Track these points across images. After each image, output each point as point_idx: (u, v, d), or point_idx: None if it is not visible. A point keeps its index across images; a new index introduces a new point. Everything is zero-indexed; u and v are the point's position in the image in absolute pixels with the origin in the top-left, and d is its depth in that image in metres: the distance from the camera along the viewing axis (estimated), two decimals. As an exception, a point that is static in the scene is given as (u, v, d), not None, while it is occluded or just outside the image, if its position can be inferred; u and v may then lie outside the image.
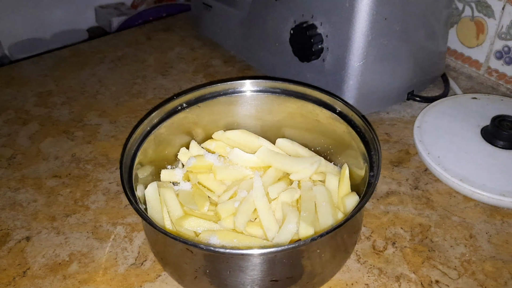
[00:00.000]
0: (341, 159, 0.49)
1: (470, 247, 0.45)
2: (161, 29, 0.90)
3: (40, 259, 0.45)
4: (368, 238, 0.46)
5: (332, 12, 0.55)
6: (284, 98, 0.50)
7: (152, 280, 0.43)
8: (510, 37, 0.65)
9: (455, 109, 0.60)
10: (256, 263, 0.35)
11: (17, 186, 0.54)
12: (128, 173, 0.41)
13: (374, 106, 0.63)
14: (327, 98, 0.47)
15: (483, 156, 0.53)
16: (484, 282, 0.42)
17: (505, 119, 0.54)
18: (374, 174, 0.39)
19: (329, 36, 0.56)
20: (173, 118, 0.48)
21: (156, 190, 0.44)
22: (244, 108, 0.51)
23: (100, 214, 0.50)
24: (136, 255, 0.45)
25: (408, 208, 0.50)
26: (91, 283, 0.43)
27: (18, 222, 0.49)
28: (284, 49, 0.63)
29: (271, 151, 0.48)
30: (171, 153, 0.50)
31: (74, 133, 0.62)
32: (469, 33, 0.70)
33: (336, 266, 0.41)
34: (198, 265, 0.37)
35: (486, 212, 0.49)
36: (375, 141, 0.42)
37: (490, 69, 0.70)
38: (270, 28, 0.66)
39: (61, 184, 0.54)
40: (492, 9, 0.66)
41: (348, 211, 0.43)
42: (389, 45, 0.57)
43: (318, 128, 0.50)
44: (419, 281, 0.42)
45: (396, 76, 0.62)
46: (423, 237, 0.46)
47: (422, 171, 0.54)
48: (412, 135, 0.57)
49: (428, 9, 0.59)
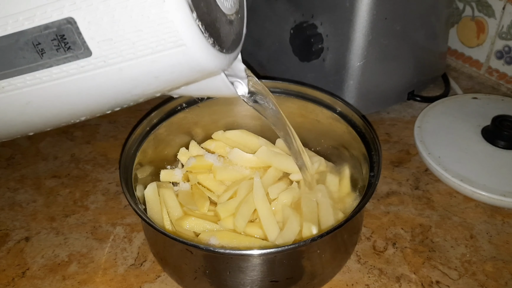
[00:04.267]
0: (341, 159, 0.49)
1: (470, 247, 0.45)
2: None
3: (39, 260, 0.45)
4: (368, 238, 0.46)
5: (332, 12, 0.55)
6: (284, 98, 0.49)
7: (152, 280, 0.43)
8: (510, 37, 0.65)
9: (456, 109, 0.60)
10: (256, 264, 0.35)
11: (16, 186, 0.54)
12: (128, 174, 0.41)
13: (374, 106, 0.62)
14: (327, 98, 0.47)
15: (484, 156, 0.52)
16: (484, 283, 0.42)
17: (506, 119, 0.54)
18: (375, 174, 0.39)
19: (329, 36, 0.56)
20: (172, 118, 0.48)
21: (156, 190, 0.44)
22: (244, 108, 0.51)
23: (100, 215, 0.50)
24: (135, 255, 0.45)
25: (409, 208, 0.49)
26: (91, 284, 0.42)
27: (17, 223, 0.49)
28: (284, 49, 0.63)
29: (271, 151, 0.48)
30: (170, 153, 0.50)
31: (74, 133, 0.62)
32: (470, 33, 0.70)
33: (336, 266, 0.41)
34: (198, 265, 0.37)
35: (486, 212, 0.49)
36: (376, 141, 0.42)
37: (490, 69, 0.70)
38: (270, 28, 0.66)
39: (60, 184, 0.54)
40: (492, 8, 0.66)
41: (348, 211, 0.43)
42: (389, 45, 0.57)
43: (318, 128, 0.50)
44: (420, 282, 0.42)
45: (397, 76, 0.61)
46: (423, 238, 0.46)
47: (422, 171, 0.54)
48: (412, 135, 0.57)
49: (428, 9, 0.59)
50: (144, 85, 0.26)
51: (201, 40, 0.24)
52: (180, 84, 0.28)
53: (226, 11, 0.28)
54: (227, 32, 0.28)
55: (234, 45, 0.29)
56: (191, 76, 0.26)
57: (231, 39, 0.28)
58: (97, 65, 0.24)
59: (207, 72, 0.27)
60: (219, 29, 0.26)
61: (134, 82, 0.26)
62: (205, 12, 0.24)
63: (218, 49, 0.25)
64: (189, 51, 0.24)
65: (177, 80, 0.27)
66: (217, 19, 0.26)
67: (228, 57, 0.27)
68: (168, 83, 0.27)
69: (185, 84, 0.28)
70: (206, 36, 0.24)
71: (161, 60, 0.24)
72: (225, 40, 0.27)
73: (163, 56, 0.24)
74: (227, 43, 0.27)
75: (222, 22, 0.27)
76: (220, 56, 0.26)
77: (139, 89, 0.27)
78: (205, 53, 0.24)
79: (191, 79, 0.27)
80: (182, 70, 0.25)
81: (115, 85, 0.26)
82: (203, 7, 0.24)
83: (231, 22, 0.29)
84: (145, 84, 0.26)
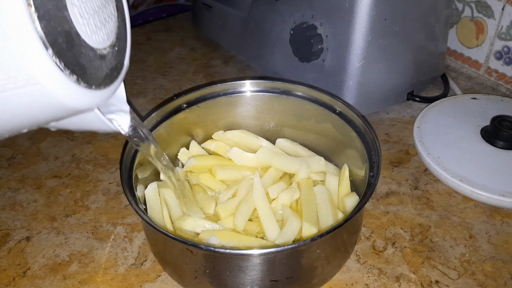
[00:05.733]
0: (341, 159, 0.49)
1: (470, 247, 0.45)
2: (161, 30, 0.90)
3: (40, 259, 0.45)
4: (368, 238, 0.46)
5: (332, 12, 0.55)
6: (284, 98, 0.50)
7: (152, 280, 0.43)
8: (509, 38, 0.65)
9: (455, 109, 0.60)
10: (256, 263, 0.35)
11: (17, 186, 0.54)
12: (128, 173, 0.41)
13: (374, 106, 0.63)
14: (327, 98, 0.47)
15: (483, 156, 0.53)
16: (484, 282, 0.42)
17: (505, 119, 0.54)
18: (374, 174, 0.39)
19: (329, 37, 0.56)
20: (173, 119, 0.48)
21: (156, 190, 0.44)
22: (244, 108, 0.51)
23: (100, 214, 0.50)
24: (136, 255, 0.45)
25: (408, 208, 0.50)
26: (91, 283, 0.43)
27: (18, 222, 0.49)
28: (284, 49, 0.63)
29: (271, 151, 0.48)
30: (171, 153, 0.50)
31: (74, 133, 0.62)
32: (469, 33, 0.71)
33: (336, 266, 0.41)
34: (198, 265, 0.37)
35: (486, 212, 0.49)
36: (375, 141, 0.42)
37: (489, 69, 0.70)
38: (270, 28, 0.66)
39: (61, 184, 0.54)
40: (492, 9, 0.66)
41: (348, 211, 0.43)
42: (389, 45, 0.57)
43: (318, 128, 0.50)
44: (419, 281, 0.42)
45: (396, 77, 0.62)
46: (423, 237, 0.46)
47: (422, 171, 0.54)
48: (412, 135, 0.57)
49: (428, 10, 0.59)
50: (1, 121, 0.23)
51: (60, 78, 0.22)
52: (48, 121, 0.26)
53: (96, 45, 0.26)
54: (97, 67, 0.26)
55: (108, 80, 0.27)
56: (56, 114, 0.24)
57: (103, 74, 0.26)
58: None
59: (74, 111, 0.24)
60: (84, 65, 0.24)
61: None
62: (64, 48, 0.22)
63: (84, 86, 0.24)
64: (46, 89, 0.21)
65: (41, 118, 0.24)
66: (81, 55, 0.24)
67: (100, 93, 0.26)
68: (31, 120, 0.24)
69: (54, 121, 0.26)
70: (66, 73, 0.22)
71: (14, 98, 0.22)
72: (94, 76, 0.25)
73: (16, 95, 0.21)
74: (97, 79, 0.25)
75: (89, 57, 0.25)
76: (88, 92, 0.24)
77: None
78: (66, 91, 0.22)
79: (58, 117, 0.25)
80: (42, 108, 0.23)
81: None
82: (61, 43, 0.22)
83: (102, 57, 0.27)
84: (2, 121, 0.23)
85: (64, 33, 0.23)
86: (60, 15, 0.22)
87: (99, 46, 0.26)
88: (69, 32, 0.23)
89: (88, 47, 0.25)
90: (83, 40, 0.24)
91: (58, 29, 0.22)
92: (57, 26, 0.22)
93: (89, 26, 0.25)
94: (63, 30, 0.23)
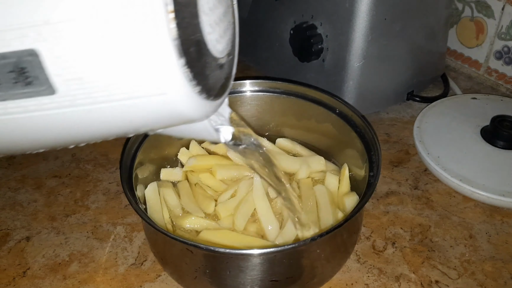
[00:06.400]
0: (341, 159, 0.49)
1: (469, 247, 0.45)
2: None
3: (40, 259, 0.45)
4: (368, 238, 0.46)
5: (332, 12, 0.55)
6: (284, 98, 0.50)
7: (152, 280, 0.43)
8: (509, 37, 0.65)
9: (455, 109, 0.60)
10: (256, 263, 0.35)
11: (17, 186, 0.54)
12: (128, 173, 0.41)
13: (374, 106, 0.63)
14: (327, 98, 0.47)
15: (483, 156, 0.53)
16: (483, 282, 0.42)
17: (505, 119, 0.54)
18: (374, 174, 0.39)
19: (329, 36, 0.56)
20: (173, 118, 0.48)
21: (156, 190, 0.44)
22: (244, 108, 0.51)
23: (100, 214, 0.50)
24: (136, 255, 0.45)
25: (408, 208, 0.50)
26: (91, 283, 0.43)
27: (18, 222, 0.49)
28: (284, 49, 0.63)
29: (271, 151, 0.48)
30: (171, 153, 0.50)
31: (74, 133, 0.62)
32: (469, 33, 0.71)
33: (336, 266, 0.41)
34: (198, 265, 0.37)
35: (485, 212, 0.49)
36: (375, 141, 0.42)
37: (489, 69, 0.70)
38: (270, 28, 0.66)
39: (61, 184, 0.54)
40: (491, 9, 0.66)
41: (348, 211, 0.43)
42: (389, 45, 0.57)
43: (318, 128, 0.50)
44: (419, 281, 0.42)
45: (396, 76, 0.62)
46: (422, 237, 0.46)
47: (421, 171, 0.54)
48: (411, 135, 0.57)
49: (428, 9, 0.59)
50: (114, 127, 0.23)
51: (186, 89, 0.21)
52: (157, 128, 0.26)
53: (217, 54, 0.25)
54: (217, 77, 0.25)
55: (222, 90, 0.26)
56: (170, 122, 0.24)
57: (220, 84, 0.25)
58: (62, 104, 0.21)
59: (188, 121, 0.24)
60: (208, 76, 0.23)
61: (103, 124, 0.23)
62: (194, 58, 0.21)
63: (204, 97, 0.23)
64: (171, 100, 0.21)
65: (154, 125, 0.24)
66: (207, 65, 0.23)
67: (215, 103, 0.25)
68: (143, 127, 0.24)
69: (162, 128, 0.26)
70: (193, 84, 0.21)
71: (138, 106, 0.21)
72: (213, 86, 0.24)
73: (140, 103, 0.21)
74: (214, 90, 0.24)
75: (212, 67, 0.24)
76: (206, 104, 0.23)
77: (107, 131, 0.24)
78: (189, 103, 0.22)
79: (169, 125, 0.25)
80: (160, 117, 0.22)
81: (80, 126, 0.23)
82: (192, 52, 0.21)
83: (221, 66, 0.25)
84: (115, 127, 0.23)
85: (196, 42, 0.22)
86: (194, 23, 0.21)
87: (220, 56, 0.25)
88: (199, 41, 0.22)
89: (212, 56, 0.24)
90: (208, 49, 0.23)
91: (192, 37, 0.21)
92: (190, 35, 0.21)
93: (215, 35, 0.24)
94: (195, 39, 0.21)
